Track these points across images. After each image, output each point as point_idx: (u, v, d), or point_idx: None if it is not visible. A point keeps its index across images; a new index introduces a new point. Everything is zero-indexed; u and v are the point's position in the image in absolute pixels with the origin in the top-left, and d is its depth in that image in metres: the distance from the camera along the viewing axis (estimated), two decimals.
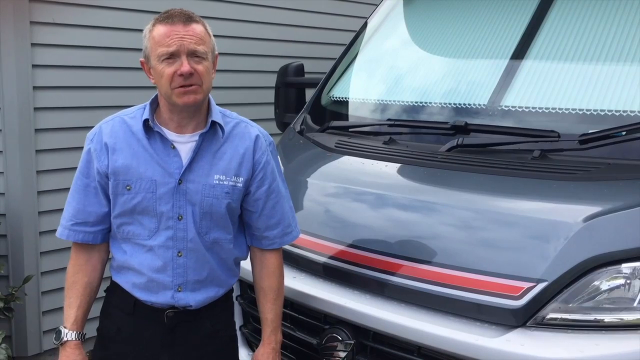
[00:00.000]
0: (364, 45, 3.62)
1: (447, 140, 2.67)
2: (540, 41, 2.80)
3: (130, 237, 2.22)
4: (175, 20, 2.10)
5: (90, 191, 2.23)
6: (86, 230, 2.25)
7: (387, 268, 2.41)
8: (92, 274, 2.29)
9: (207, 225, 2.22)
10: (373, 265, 2.46)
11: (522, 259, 2.16)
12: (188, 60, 2.09)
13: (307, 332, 2.61)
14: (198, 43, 2.11)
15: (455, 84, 2.99)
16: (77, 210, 2.24)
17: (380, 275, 2.43)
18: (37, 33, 3.95)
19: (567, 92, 2.58)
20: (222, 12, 4.82)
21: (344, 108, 3.42)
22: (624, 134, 2.32)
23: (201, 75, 2.11)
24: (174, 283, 2.21)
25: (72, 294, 2.26)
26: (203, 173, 2.20)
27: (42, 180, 4.03)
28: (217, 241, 2.26)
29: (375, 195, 2.67)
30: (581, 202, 2.23)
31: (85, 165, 2.24)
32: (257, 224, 2.33)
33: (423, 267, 2.33)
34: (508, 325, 2.11)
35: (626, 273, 2.05)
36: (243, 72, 5.06)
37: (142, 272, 2.21)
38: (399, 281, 2.37)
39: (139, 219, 2.19)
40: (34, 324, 4.08)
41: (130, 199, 2.17)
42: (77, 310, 2.25)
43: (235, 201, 2.25)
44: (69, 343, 2.25)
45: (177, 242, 2.19)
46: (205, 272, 2.25)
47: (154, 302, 2.23)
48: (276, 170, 2.34)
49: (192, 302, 2.24)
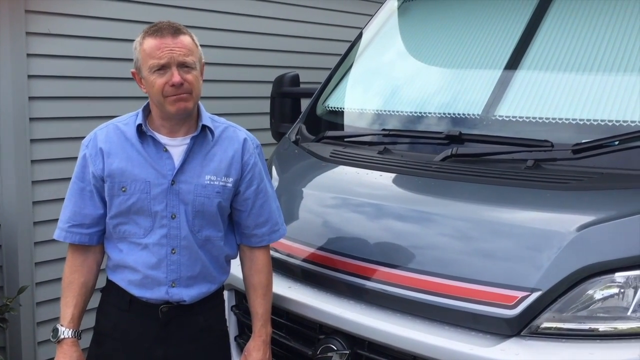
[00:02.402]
0: (359, 56, 3.64)
1: (441, 149, 2.68)
2: (534, 51, 2.82)
3: (126, 236, 2.32)
4: (165, 34, 2.22)
5: (86, 195, 2.33)
6: (82, 232, 2.34)
7: (382, 278, 2.42)
8: (88, 274, 2.38)
9: (200, 223, 2.32)
10: (368, 275, 2.46)
11: (516, 268, 2.17)
12: (178, 71, 2.21)
13: (302, 342, 2.60)
14: (187, 54, 2.23)
15: (449, 94, 3.00)
16: (74, 212, 2.34)
17: (375, 285, 2.43)
18: (33, 43, 3.95)
19: (560, 102, 2.60)
20: (216, 23, 4.82)
21: (339, 118, 3.43)
22: (617, 144, 2.33)
23: (191, 84, 2.23)
24: (168, 279, 2.31)
25: (69, 293, 2.35)
26: (195, 174, 2.31)
27: (37, 190, 4.02)
28: (208, 239, 2.36)
29: (369, 205, 2.68)
30: (575, 211, 2.24)
31: (80, 170, 2.34)
32: (247, 222, 2.44)
33: (418, 276, 2.33)
34: (503, 334, 2.11)
35: (620, 282, 2.06)
36: (238, 82, 5.07)
37: (138, 269, 2.31)
38: (394, 291, 2.36)
39: (134, 218, 2.29)
40: (29, 334, 4.05)
41: (125, 199, 2.27)
42: (74, 309, 2.34)
43: (225, 200, 2.36)
44: (65, 341, 2.33)
45: (170, 240, 2.30)
46: (197, 269, 2.35)
47: (149, 298, 2.32)
48: (263, 171, 2.46)
49: (186, 297, 2.33)
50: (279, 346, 2.66)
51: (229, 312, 2.87)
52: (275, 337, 2.62)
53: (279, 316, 2.67)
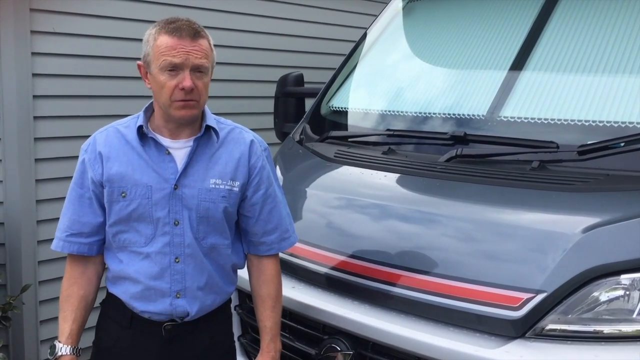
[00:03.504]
0: (363, 56, 3.63)
1: (446, 150, 2.67)
2: (539, 52, 2.81)
3: (126, 245, 2.20)
4: (184, 35, 2.10)
5: (84, 202, 2.22)
6: (81, 241, 2.23)
7: (386, 278, 2.41)
8: (88, 287, 2.27)
9: (204, 230, 2.21)
10: (371, 276, 2.45)
11: (521, 269, 2.16)
12: (190, 75, 2.09)
13: (305, 342, 2.60)
14: (202, 58, 2.12)
15: (454, 94, 2.99)
16: (72, 221, 2.23)
17: (379, 286, 2.42)
18: (38, 42, 3.95)
19: (566, 103, 2.59)
20: (222, 22, 4.82)
21: (343, 118, 3.42)
22: (622, 145, 2.33)
23: (200, 91, 2.13)
24: (172, 290, 2.19)
25: (67, 308, 2.24)
26: (199, 178, 2.19)
27: (40, 189, 4.02)
28: (214, 247, 2.24)
29: (374, 206, 2.67)
30: (580, 213, 2.23)
31: (79, 176, 2.23)
32: (255, 229, 2.31)
33: (422, 277, 2.32)
34: (507, 336, 2.11)
35: (625, 284, 2.05)
36: (243, 81, 5.06)
37: (139, 280, 2.18)
38: (398, 291, 2.36)
39: (134, 226, 2.17)
40: (32, 333, 4.06)
41: (125, 205, 2.16)
42: (72, 324, 2.23)
43: (232, 205, 2.24)
44: (63, 358, 2.23)
45: (174, 248, 2.18)
46: (204, 279, 2.23)
47: (151, 312, 2.20)
48: (272, 175, 2.34)
49: (191, 309, 2.21)
50: (283, 346, 2.65)
51: (232, 312, 2.87)
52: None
53: (283, 316, 2.65)
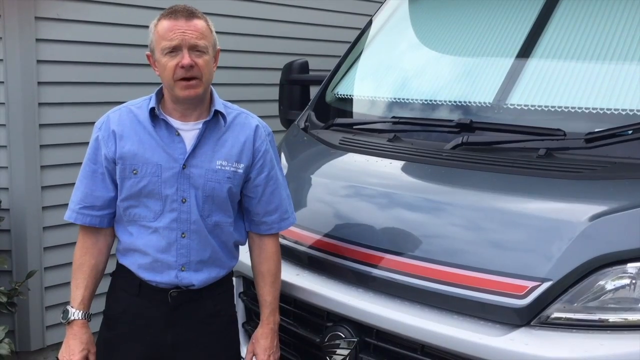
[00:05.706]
0: (368, 43, 3.61)
1: (452, 138, 2.66)
2: (546, 39, 2.79)
3: (136, 219, 2.33)
4: (179, 16, 2.23)
5: (97, 177, 2.34)
6: (93, 214, 2.36)
7: (391, 266, 2.41)
8: (99, 257, 2.40)
9: (209, 208, 2.33)
10: (376, 263, 2.45)
11: (527, 257, 2.15)
12: (189, 54, 2.21)
13: (310, 329, 2.60)
14: (199, 38, 2.23)
15: (460, 81, 2.98)
16: (85, 194, 2.35)
17: (384, 273, 2.42)
18: (42, 28, 3.95)
19: (573, 90, 2.57)
20: (227, 9, 4.81)
21: (348, 105, 3.41)
22: (630, 133, 2.31)
23: (201, 68, 2.24)
24: (178, 263, 2.32)
25: (80, 275, 2.37)
26: (206, 159, 2.32)
27: (46, 175, 4.04)
28: (218, 224, 2.37)
29: (379, 193, 2.66)
30: (587, 201, 2.22)
31: (93, 152, 2.35)
32: (257, 209, 2.45)
33: (427, 265, 2.32)
34: (512, 324, 2.10)
35: (631, 273, 2.04)
36: (248, 69, 5.06)
37: (148, 252, 2.32)
38: (403, 279, 2.36)
39: (144, 201, 2.30)
40: (37, 319, 4.08)
41: (136, 182, 2.29)
42: (84, 290, 2.36)
43: (235, 186, 2.36)
44: (75, 322, 2.35)
45: (180, 224, 2.31)
46: (207, 253, 2.36)
47: (158, 282, 2.34)
48: (275, 159, 2.47)
49: (195, 281, 2.35)
50: (287, 333, 2.66)
51: (237, 299, 2.88)
52: (283, 325, 2.62)
53: (287, 303, 2.66)
